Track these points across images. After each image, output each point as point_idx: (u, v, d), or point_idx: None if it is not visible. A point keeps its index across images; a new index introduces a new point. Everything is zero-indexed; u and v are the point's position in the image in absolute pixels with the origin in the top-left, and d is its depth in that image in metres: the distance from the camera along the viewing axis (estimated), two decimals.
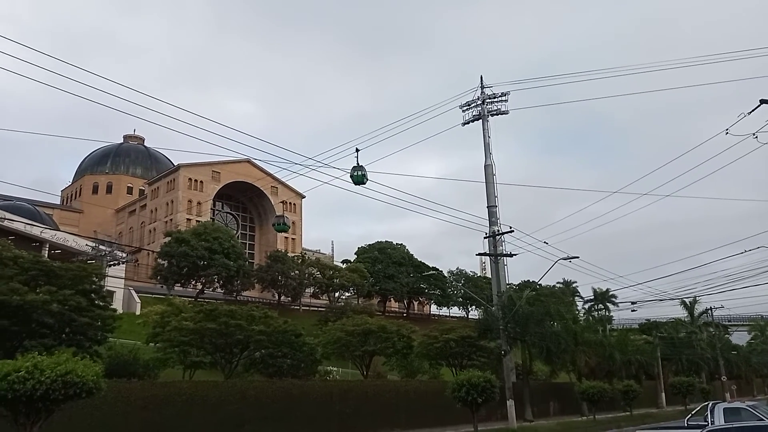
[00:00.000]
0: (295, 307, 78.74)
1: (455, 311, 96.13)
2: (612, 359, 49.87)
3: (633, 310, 54.81)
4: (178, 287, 68.51)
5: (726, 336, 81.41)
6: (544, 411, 41.89)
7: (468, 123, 46.70)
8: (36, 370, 12.77)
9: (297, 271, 77.98)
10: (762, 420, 17.05)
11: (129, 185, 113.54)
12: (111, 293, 42.47)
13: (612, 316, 65.26)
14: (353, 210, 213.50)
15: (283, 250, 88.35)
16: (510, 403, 33.02)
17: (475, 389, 26.07)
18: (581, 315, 60.07)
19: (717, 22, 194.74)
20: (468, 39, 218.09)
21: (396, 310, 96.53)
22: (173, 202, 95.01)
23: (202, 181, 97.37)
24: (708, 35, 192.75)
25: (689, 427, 20.54)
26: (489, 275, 60.96)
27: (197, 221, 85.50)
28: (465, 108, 46.54)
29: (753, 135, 20.62)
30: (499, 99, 45.63)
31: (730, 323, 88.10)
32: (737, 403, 20.50)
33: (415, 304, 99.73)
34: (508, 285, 43.05)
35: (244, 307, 34.47)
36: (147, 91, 20.07)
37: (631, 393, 44.20)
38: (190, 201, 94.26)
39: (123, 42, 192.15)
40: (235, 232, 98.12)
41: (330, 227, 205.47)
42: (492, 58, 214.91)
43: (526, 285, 57.97)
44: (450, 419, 31.74)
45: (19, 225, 52.37)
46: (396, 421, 31.39)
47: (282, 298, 79.31)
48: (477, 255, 50.74)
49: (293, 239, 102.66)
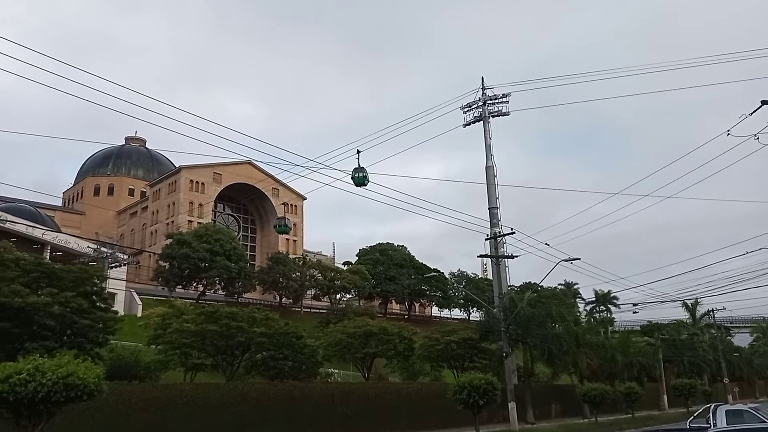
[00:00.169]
0: (297, 309, 78.76)
1: (456, 313, 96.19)
2: (614, 361, 49.76)
3: (635, 311, 54.76)
4: (179, 289, 68.58)
5: (728, 338, 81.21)
6: (545, 413, 41.80)
7: (469, 124, 46.67)
8: (37, 372, 12.76)
9: (298, 273, 78.01)
10: (764, 422, 17.02)
11: (130, 187, 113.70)
12: (112, 295, 42.62)
13: (613, 317, 65.21)
14: (354, 212, 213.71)
15: (285, 251, 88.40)
16: (512, 406, 32.97)
17: (477, 391, 26.00)
18: (583, 317, 60.00)
19: (718, 21, 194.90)
20: (469, 39, 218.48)
21: (397, 311, 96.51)
22: (174, 203, 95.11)
23: (203, 183, 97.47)
24: (709, 35, 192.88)
25: (691, 430, 20.47)
26: (490, 277, 61.04)
27: (198, 223, 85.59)
28: (466, 109, 46.49)
29: (755, 136, 20.63)
30: (500, 100, 45.59)
31: (732, 325, 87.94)
32: (739, 405, 20.44)
33: (417, 305, 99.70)
34: (509, 287, 43.01)
35: (245, 309, 34.44)
36: (148, 93, 20.10)
37: (633, 395, 44.09)
38: (191, 203, 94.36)
39: (123, 43, 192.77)
40: (237, 233, 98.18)
41: (331, 229, 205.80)
42: (493, 58, 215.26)
43: (527, 287, 57.91)
44: (451, 421, 31.66)
45: (21, 227, 52.49)
46: (397, 424, 31.34)
47: (283, 300, 79.33)
48: (478, 257, 50.56)
49: (294, 241, 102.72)
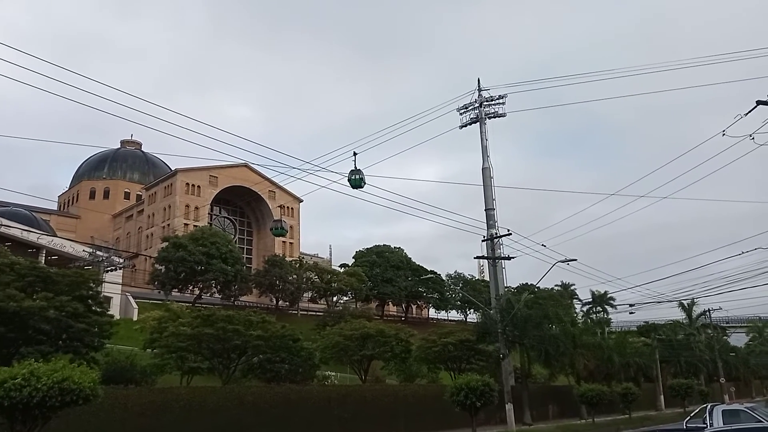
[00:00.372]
0: (293, 312, 78.61)
1: (453, 315, 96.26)
2: (611, 362, 49.84)
3: (631, 312, 54.94)
4: (175, 293, 68.39)
5: (724, 338, 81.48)
6: (543, 414, 41.84)
7: (465, 126, 46.69)
8: (32, 377, 12.72)
9: (295, 276, 77.89)
10: (761, 422, 17.06)
11: (126, 190, 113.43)
12: (108, 299, 42.54)
13: (610, 318, 65.36)
14: (351, 214, 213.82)
15: (281, 254, 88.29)
16: (509, 407, 32.98)
17: (474, 393, 26.02)
18: (579, 318, 60.12)
19: (716, 21, 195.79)
20: (467, 41, 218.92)
21: (394, 314, 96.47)
22: (170, 207, 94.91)
23: (199, 186, 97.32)
24: (707, 35, 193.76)
25: (688, 430, 20.53)
26: (487, 278, 61.02)
27: (195, 226, 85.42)
28: (462, 111, 46.51)
29: (750, 136, 20.65)
30: (497, 102, 45.62)
31: (728, 325, 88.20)
32: (736, 405, 20.50)
33: (414, 307, 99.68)
34: (506, 288, 43.02)
35: (241, 312, 34.38)
36: (144, 96, 20.13)
37: (630, 395, 44.16)
38: (187, 206, 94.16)
39: (120, 46, 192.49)
40: (233, 236, 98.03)
41: (328, 231, 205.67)
42: (491, 59, 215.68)
43: (524, 288, 57.92)
44: (449, 423, 31.66)
45: (16, 231, 52.25)
46: (395, 426, 31.33)
47: (280, 302, 79.20)
48: (475, 258, 50.57)
49: (291, 243, 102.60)
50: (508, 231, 37.85)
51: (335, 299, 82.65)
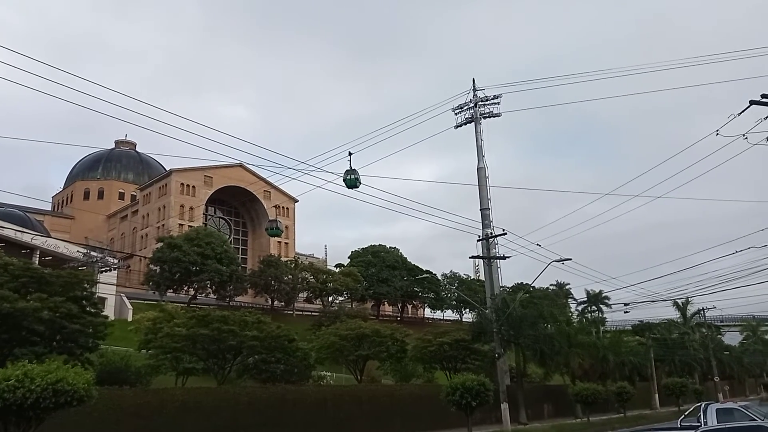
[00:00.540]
0: (289, 312, 78.53)
1: (449, 314, 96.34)
2: (605, 361, 50.01)
3: (626, 311, 55.03)
4: (170, 293, 68.24)
5: (718, 336, 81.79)
6: (538, 413, 41.93)
7: (461, 126, 46.77)
8: (26, 378, 12.67)
9: (290, 276, 77.81)
10: (754, 420, 17.12)
11: (121, 191, 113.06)
12: (102, 300, 42.32)
13: (605, 317, 65.52)
14: (346, 214, 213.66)
15: (276, 254, 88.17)
16: (504, 406, 33.04)
17: (470, 393, 26.06)
18: (575, 317, 60.25)
19: (711, 22, 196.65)
20: (462, 41, 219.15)
21: (390, 313, 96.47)
22: (165, 207, 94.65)
23: (194, 186, 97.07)
24: (702, 36, 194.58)
25: (682, 428, 20.58)
26: (482, 278, 61.08)
27: (189, 226, 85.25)
28: (457, 111, 46.60)
29: (743, 136, 20.72)
30: (492, 102, 45.71)
31: (722, 324, 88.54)
32: (730, 404, 20.58)
33: (409, 307, 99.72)
34: (501, 288, 43.09)
35: (236, 313, 34.35)
36: (139, 96, 20.03)
37: (625, 394, 44.32)
38: (182, 206, 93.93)
39: (115, 47, 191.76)
40: (228, 237, 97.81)
41: (323, 231, 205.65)
42: (486, 60, 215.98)
43: (519, 287, 58.00)
44: (444, 423, 31.69)
45: (10, 232, 51.97)
46: (391, 426, 31.33)
47: (275, 303, 79.11)
48: (470, 258, 50.68)
49: (286, 244, 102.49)
50: (503, 231, 37.98)
51: (331, 299, 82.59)
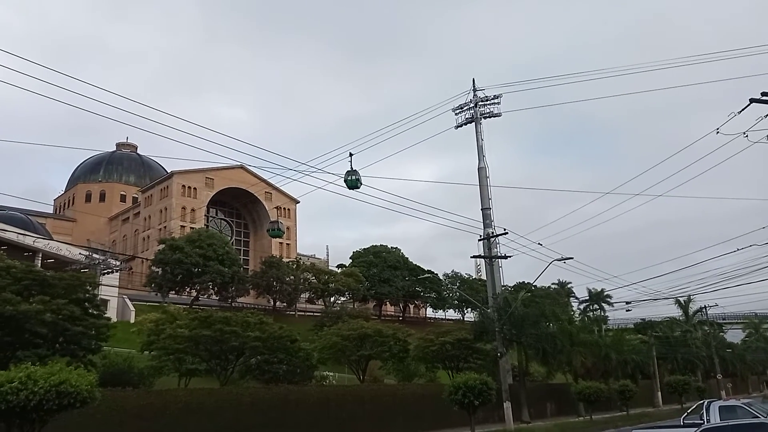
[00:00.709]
0: (291, 313, 78.57)
1: (451, 314, 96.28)
2: (608, 359, 49.99)
3: (628, 310, 54.98)
4: (172, 295, 68.26)
5: (721, 334, 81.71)
6: (541, 412, 41.93)
7: (461, 126, 46.66)
8: (29, 380, 12.72)
9: (292, 277, 77.85)
10: (757, 417, 17.12)
11: (122, 193, 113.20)
12: (105, 302, 42.44)
13: (607, 316, 65.65)
14: (347, 214, 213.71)
15: (278, 255, 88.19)
16: (507, 405, 33.04)
17: (472, 392, 26.08)
18: (577, 315, 60.34)
19: (710, 21, 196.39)
20: (461, 42, 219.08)
21: (392, 313, 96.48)
22: (167, 209, 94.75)
23: (195, 188, 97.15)
24: (701, 34, 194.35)
25: (685, 426, 20.58)
26: (484, 277, 61.08)
27: (191, 228, 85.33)
28: (458, 111, 46.50)
29: (743, 134, 20.71)
30: (492, 102, 45.62)
31: (724, 321, 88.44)
32: (732, 401, 20.57)
33: (411, 307, 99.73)
34: (503, 287, 43.07)
35: (239, 314, 34.39)
36: (139, 99, 20.05)
37: (628, 393, 44.30)
38: (183, 208, 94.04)
39: (114, 50, 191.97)
40: (230, 238, 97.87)
41: (324, 232, 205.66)
42: (485, 60, 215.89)
43: (521, 287, 58.10)
44: (447, 422, 31.72)
45: (12, 235, 52.14)
46: (393, 425, 31.35)
47: (277, 303, 79.14)
48: (472, 257, 50.67)
49: (288, 245, 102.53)
50: (504, 230, 37.96)
51: (333, 300, 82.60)
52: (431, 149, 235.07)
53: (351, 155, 29.66)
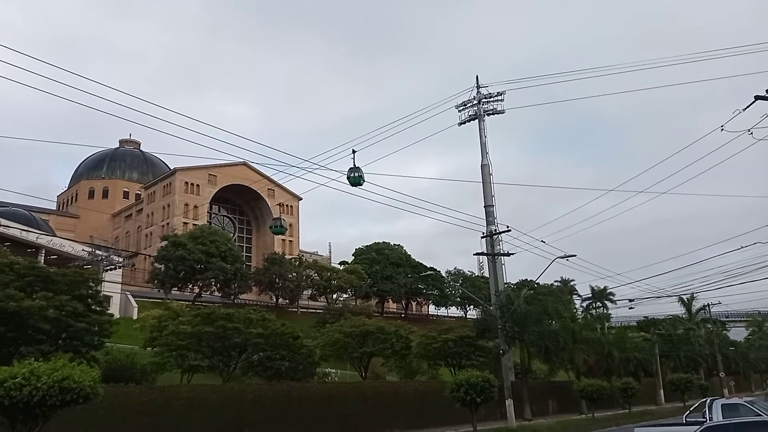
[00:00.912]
0: (293, 310, 78.69)
1: (453, 311, 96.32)
2: (610, 357, 49.92)
3: (631, 307, 54.89)
4: (175, 291, 68.39)
5: (724, 332, 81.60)
6: (543, 409, 41.92)
7: (464, 123, 46.62)
8: (32, 376, 12.75)
9: (294, 274, 77.93)
10: (760, 415, 17.09)
11: (125, 190, 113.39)
12: (108, 298, 42.49)
13: (610, 313, 65.54)
14: (350, 211, 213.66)
15: (281, 252, 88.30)
16: (509, 403, 33.02)
17: (474, 389, 26.07)
18: (579, 313, 60.25)
19: (715, 18, 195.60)
20: (463, 39, 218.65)
21: (394, 310, 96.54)
22: (170, 206, 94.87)
23: (198, 185, 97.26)
24: (706, 31, 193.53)
25: (688, 424, 20.55)
26: (487, 275, 61.07)
27: (194, 225, 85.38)
28: (461, 108, 46.44)
29: (748, 131, 20.63)
30: (495, 99, 45.55)
31: (727, 319, 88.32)
32: (735, 399, 20.52)
33: (414, 304, 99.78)
34: (505, 284, 43.03)
35: (241, 310, 34.40)
36: (142, 95, 20.09)
37: (630, 390, 44.25)
38: (186, 204, 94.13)
39: (117, 46, 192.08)
40: (232, 235, 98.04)
41: (327, 229, 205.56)
42: (488, 57, 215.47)
43: (523, 284, 58.08)
44: (449, 419, 31.72)
45: (15, 231, 52.25)
46: (395, 422, 31.36)
47: (279, 300, 79.25)
48: (474, 255, 50.61)
49: (290, 241, 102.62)
50: (507, 227, 37.97)
51: (335, 297, 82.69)
52: (434, 146, 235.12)
53: (354, 152, 29.60)
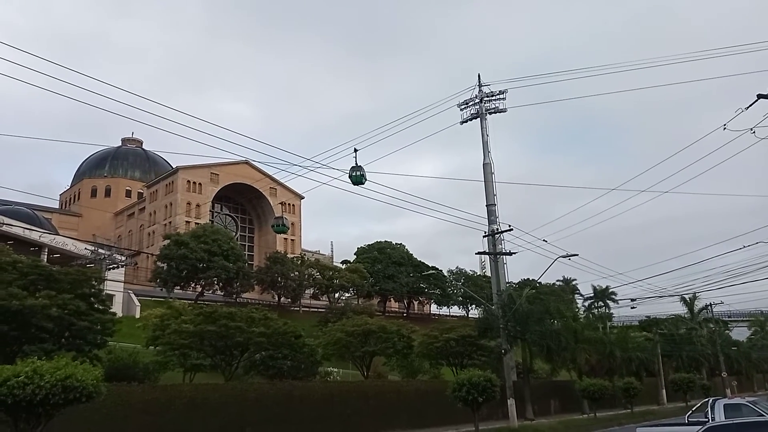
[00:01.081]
0: (295, 309, 78.75)
1: (455, 310, 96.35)
2: (612, 357, 49.85)
3: (633, 307, 54.75)
4: (177, 290, 68.51)
5: (726, 332, 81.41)
6: (545, 409, 41.88)
7: (466, 121, 46.65)
8: (35, 374, 12.76)
9: (296, 273, 77.98)
10: (762, 415, 17.05)
11: (128, 188, 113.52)
12: (110, 297, 42.63)
13: (612, 313, 65.34)
14: (352, 210, 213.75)
15: (283, 251, 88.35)
16: (511, 402, 33.01)
17: (476, 388, 26.07)
18: (581, 312, 60.13)
19: (717, 15, 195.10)
20: (464, 38, 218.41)
21: (396, 310, 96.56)
22: (172, 204, 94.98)
23: (200, 183, 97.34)
24: (708, 29, 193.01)
25: (690, 424, 20.53)
26: (489, 274, 61.05)
27: (196, 223, 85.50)
28: (463, 106, 46.48)
29: (751, 130, 20.58)
30: (497, 97, 45.57)
31: (730, 319, 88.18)
32: (737, 399, 20.50)
33: (415, 303, 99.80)
34: (507, 283, 43.04)
35: (243, 309, 34.45)
36: (144, 94, 20.06)
37: (632, 390, 44.19)
38: (188, 203, 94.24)
39: (118, 45, 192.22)
40: (235, 233, 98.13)
41: (329, 228, 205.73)
42: (490, 55, 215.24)
43: (525, 283, 58.04)
44: (451, 419, 31.72)
45: (18, 229, 52.43)
46: (397, 422, 31.37)
47: (282, 299, 79.32)
48: (476, 254, 50.72)
49: (292, 240, 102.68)
50: (509, 226, 37.91)
51: (337, 296, 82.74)
52: (435, 145, 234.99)
53: (356, 151, 29.58)
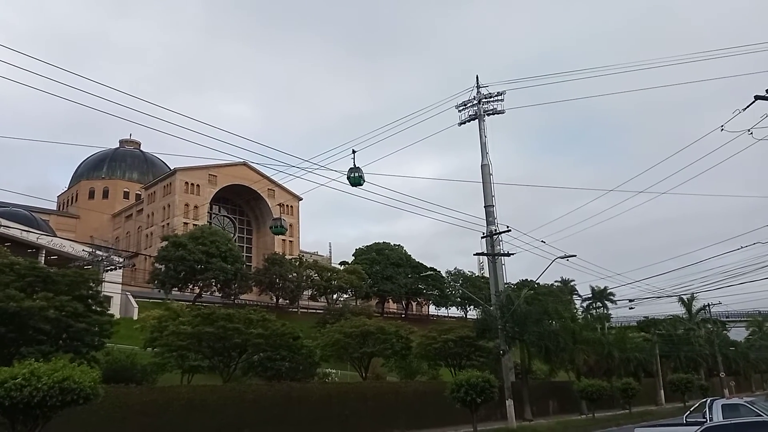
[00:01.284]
0: (293, 310, 78.70)
1: (454, 311, 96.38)
2: (611, 357, 49.90)
3: (631, 307, 54.89)
4: (175, 291, 68.43)
5: (724, 332, 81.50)
6: (543, 410, 41.91)
7: (464, 123, 46.61)
8: (33, 376, 12.74)
9: (295, 274, 77.95)
10: (760, 416, 17.07)
11: (125, 190, 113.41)
12: (108, 298, 42.51)
13: (610, 314, 65.35)
14: (350, 212, 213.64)
15: (281, 252, 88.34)
16: (509, 403, 33.01)
17: (474, 389, 26.07)
18: (579, 313, 60.16)
19: (716, 16, 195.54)
20: (464, 39, 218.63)
21: (394, 311, 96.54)
22: (170, 206, 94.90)
23: (198, 185, 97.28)
24: (706, 30, 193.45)
25: (688, 424, 20.54)
26: (487, 275, 61.03)
27: (194, 225, 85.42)
28: (461, 108, 46.43)
29: (748, 131, 20.64)
30: (495, 98, 45.53)
31: (728, 319, 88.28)
32: (735, 400, 20.51)
33: (414, 304, 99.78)
34: (506, 284, 43.01)
35: (241, 311, 34.40)
36: (142, 95, 20.10)
37: (630, 391, 44.22)
38: (186, 205, 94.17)
39: (116, 46, 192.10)
40: (233, 235, 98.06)
41: (327, 229, 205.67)
42: (488, 56, 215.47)
43: (524, 284, 58.00)
44: (449, 420, 31.73)
45: (15, 231, 52.25)
46: (395, 423, 31.35)
47: (280, 300, 79.28)
48: (474, 255, 50.60)
49: (290, 242, 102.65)
50: (507, 227, 37.94)
51: (335, 297, 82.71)
52: (433, 146, 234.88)
53: (354, 152, 29.59)
